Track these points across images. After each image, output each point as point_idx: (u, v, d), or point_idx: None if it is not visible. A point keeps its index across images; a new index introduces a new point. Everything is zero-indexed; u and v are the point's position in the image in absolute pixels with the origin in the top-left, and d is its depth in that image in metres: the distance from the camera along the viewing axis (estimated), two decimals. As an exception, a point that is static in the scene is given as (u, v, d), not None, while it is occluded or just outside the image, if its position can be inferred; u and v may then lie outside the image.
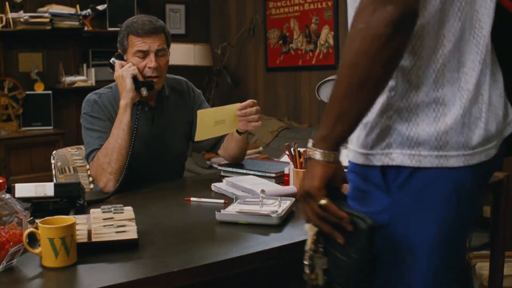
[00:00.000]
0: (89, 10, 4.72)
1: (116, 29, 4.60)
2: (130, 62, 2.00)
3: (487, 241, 3.16)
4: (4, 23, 4.27)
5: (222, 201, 1.74)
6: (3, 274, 1.19)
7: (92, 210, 1.45)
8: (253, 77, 5.29)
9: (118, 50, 2.07)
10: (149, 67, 1.99)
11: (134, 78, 1.96)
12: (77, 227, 1.30)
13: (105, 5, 4.75)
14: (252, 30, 5.16)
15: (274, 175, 1.96)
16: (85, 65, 4.75)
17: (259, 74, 5.23)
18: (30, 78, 4.54)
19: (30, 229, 1.23)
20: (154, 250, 1.33)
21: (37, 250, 1.23)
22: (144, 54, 1.99)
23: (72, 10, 4.57)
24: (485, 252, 2.90)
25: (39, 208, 1.59)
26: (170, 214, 1.67)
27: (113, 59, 2.04)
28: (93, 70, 4.70)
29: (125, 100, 1.94)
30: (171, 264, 1.23)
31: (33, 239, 1.27)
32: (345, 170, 1.18)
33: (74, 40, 4.73)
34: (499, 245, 2.10)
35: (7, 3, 4.31)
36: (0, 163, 4.17)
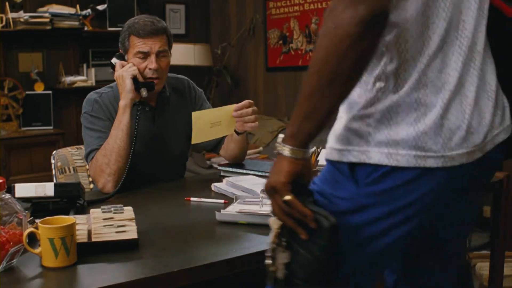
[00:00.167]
0: (89, 10, 4.72)
1: (116, 29, 4.64)
2: (131, 63, 2.00)
3: (487, 241, 3.16)
4: (4, 23, 4.26)
5: (222, 201, 1.74)
6: (3, 274, 1.19)
7: (92, 210, 1.45)
8: (253, 77, 5.29)
9: (120, 50, 2.07)
10: (150, 68, 1.99)
11: (134, 79, 1.96)
12: (77, 227, 1.30)
13: (105, 5, 4.75)
14: (252, 30, 5.16)
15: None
16: (85, 65, 4.75)
17: (259, 74, 5.23)
18: (30, 78, 4.54)
19: (30, 229, 1.23)
20: (154, 250, 1.33)
21: (37, 250, 1.23)
22: (145, 55, 1.99)
23: (72, 10, 4.57)
24: (485, 252, 2.90)
25: (39, 208, 1.59)
26: (170, 214, 1.67)
27: (114, 59, 2.04)
28: (93, 70, 4.70)
29: (125, 101, 1.94)
30: (171, 264, 1.23)
31: (33, 239, 1.27)
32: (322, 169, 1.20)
33: (74, 40, 4.73)
34: (499, 245, 2.10)
35: (7, 3, 4.31)
36: (0, 163, 4.17)
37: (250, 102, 2.01)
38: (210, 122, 1.94)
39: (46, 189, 1.58)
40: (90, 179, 2.24)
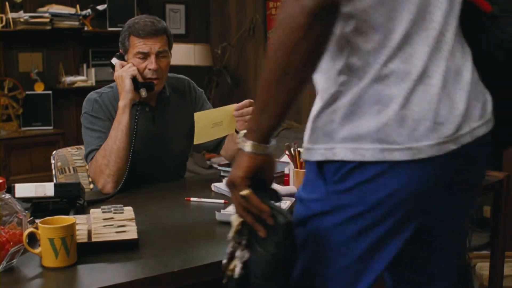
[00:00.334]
0: (89, 10, 4.72)
1: (116, 29, 4.64)
2: (131, 63, 2.00)
3: (487, 241, 3.16)
4: (4, 23, 4.26)
5: (222, 201, 1.74)
6: (3, 274, 1.19)
7: (92, 210, 1.45)
8: (253, 77, 5.29)
9: (120, 50, 2.07)
10: (150, 69, 1.99)
11: (134, 79, 1.96)
12: (77, 227, 1.30)
13: (105, 5, 4.74)
14: (252, 30, 5.16)
15: (274, 175, 1.96)
16: (85, 65, 4.75)
17: (259, 74, 5.23)
18: (30, 78, 4.54)
19: (30, 229, 1.23)
20: (154, 250, 1.33)
21: (37, 250, 1.23)
22: (145, 56, 1.99)
23: (72, 10, 4.57)
24: (485, 252, 2.90)
25: (39, 208, 1.59)
26: (170, 214, 1.67)
27: (114, 59, 2.04)
28: (93, 70, 4.70)
29: (124, 101, 1.93)
30: (171, 264, 1.23)
31: (33, 239, 1.27)
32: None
33: (74, 40, 4.73)
34: (499, 245, 2.11)
35: (7, 3, 4.31)
36: (0, 163, 4.17)
37: (251, 102, 2.01)
38: (212, 122, 1.94)
39: (46, 189, 1.58)
40: (90, 179, 2.24)
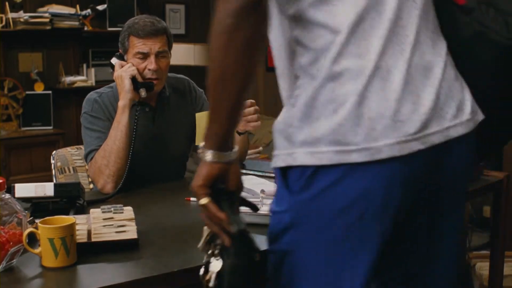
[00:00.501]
0: (89, 10, 4.72)
1: (116, 29, 4.64)
2: (130, 63, 1.99)
3: (487, 241, 3.16)
4: (4, 23, 4.26)
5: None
6: (3, 274, 1.19)
7: (92, 210, 1.45)
8: (253, 77, 5.28)
9: (120, 50, 2.06)
10: (149, 69, 1.99)
11: (133, 79, 1.96)
12: (77, 227, 1.30)
13: (105, 5, 4.75)
14: (252, 30, 5.16)
15: (274, 175, 1.96)
16: (85, 65, 4.75)
17: (259, 74, 5.23)
18: (30, 78, 4.54)
19: (30, 229, 1.23)
20: (154, 250, 1.33)
21: (37, 250, 1.23)
22: (145, 56, 1.99)
23: (72, 10, 4.57)
24: (485, 252, 2.90)
25: (39, 208, 1.59)
26: (170, 214, 1.67)
27: (114, 59, 2.04)
28: (93, 70, 4.70)
29: (124, 101, 1.93)
30: (171, 264, 1.23)
31: (33, 239, 1.27)
32: None
33: (74, 40, 4.73)
34: (499, 245, 2.11)
35: (7, 3, 4.31)
36: (0, 163, 4.17)
37: (252, 102, 2.01)
38: None
39: (46, 189, 1.58)
40: (90, 179, 2.24)
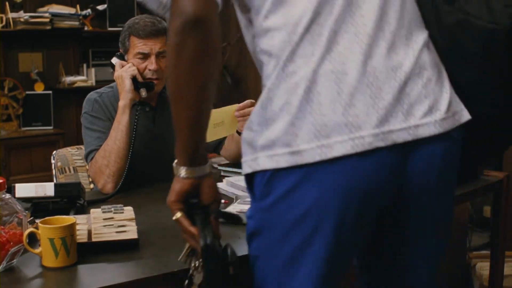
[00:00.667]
0: (89, 10, 4.72)
1: (116, 29, 4.64)
2: (131, 63, 2.00)
3: (487, 241, 3.16)
4: (4, 23, 4.26)
5: (222, 201, 1.74)
6: (3, 274, 1.19)
7: (92, 210, 1.45)
8: (253, 77, 5.28)
9: (120, 50, 2.07)
10: (150, 69, 1.99)
11: (134, 79, 1.96)
12: (77, 227, 1.30)
13: (105, 5, 4.74)
14: (252, 30, 5.16)
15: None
16: (85, 65, 4.75)
17: (259, 74, 5.22)
18: (30, 78, 4.54)
19: (30, 229, 1.23)
20: (154, 250, 1.33)
21: (37, 250, 1.23)
22: (145, 56, 1.99)
23: (72, 10, 4.57)
24: (485, 252, 2.90)
25: (39, 208, 1.59)
26: (170, 214, 1.66)
27: (114, 59, 2.04)
28: (93, 70, 4.70)
29: (124, 101, 1.93)
30: (171, 264, 1.23)
31: (33, 239, 1.27)
32: None
33: (74, 40, 4.73)
34: (499, 245, 2.11)
35: (7, 3, 4.31)
36: (0, 163, 4.17)
37: (252, 102, 2.01)
38: (213, 123, 1.94)
39: (46, 189, 1.58)
40: (90, 179, 2.24)
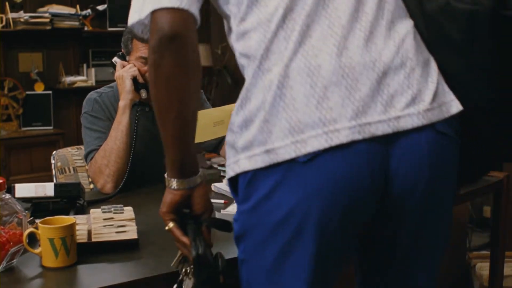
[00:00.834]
0: (89, 10, 4.72)
1: (116, 29, 4.64)
2: (132, 63, 1.99)
3: (487, 241, 3.17)
4: (4, 23, 4.26)
5: (222, 201, 1.74)
6: (3, 274, 1.19)
7: (92, 210, 1.45)
8: (253, 77, 5.28)
9: (122, 50, 2.06)
10: (151, 72, 1.99)
11: (134, 79, 1.96)
12: (77, 227, 1.30)
13: (105, 5, 4.74)
14: (252, 30, 5.16)
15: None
16: (85, 65, 4.75)
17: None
18: (30, 78, 4.54)
19: (30, 229, 1.23)
20: (154, 250, 1.33)
21: (37, 250, 1.23)
22: (147, 60, 1.99)
23: (72, 10, 4.57)
24: (485, 252, 2.90)
25: (39, 208, 1.59)
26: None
27: (115, 59, 2.04)
28: (93, 70, 4.70)
29: (124, 101, 1.93)
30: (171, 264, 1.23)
31: (33, 239, 1.27)
32: None
33: (74, 40, 4.73)
34: (499, 245, 2.11)
35: (7, 3, 4.31)
36: (0, 163, 4.17)
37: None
38: (213, 121, 1.94)
39: (46, 189, 1.58)
40: (90, 179, 2.24)
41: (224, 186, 1.88)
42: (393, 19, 1.01)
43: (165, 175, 1.10)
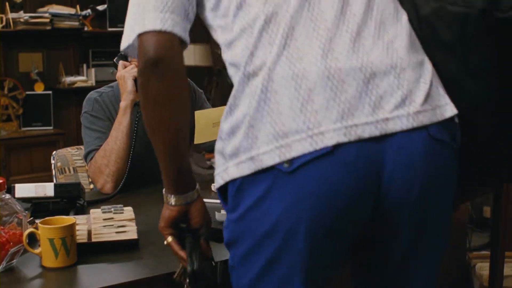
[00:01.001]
0: (89, 10, 4.72)
1: (116, 29, 4.64)
2: (134, 64, 1.99)
3: (487, 241, 3.17)
4: (4, 23, 4.27)
5: (222, 202, 1.74)
6: (3, 274, 1.19)
7: (92, 211, 1.45)
8: (253, 77, 5.28)
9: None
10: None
11: (136, 80, 1.96)
12: (77, 227, 1.30)
13: (105, 5, 4.74)
14: (252, 30, 5.16)
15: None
16: (85, 65, 4.75)
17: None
18: (30, 78, 4.54)
19: (30, 229, 1.23)
20: (154, 250, 1.33)
21: (37, 250, 1.23)
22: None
23: (72, 10, 4.57)
24: (485, 252, 2.90)
25: (39, 208, 1.59)
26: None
27: (117, 59, 2.04)
28: (93, 70, 4.70)
29: (125, 102, 1.93)
30: (171, 264, 1.23)
31: (33, 239, 1.27)
32: None
33: (74, 40, 4.73)
34: (499, 245, 2.11)
35: (7, 3, 4.31)
36: (0, 163, 4.17)
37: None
38: (212, 122, 1.94)
39: (46, 189, 1.58)
40: (90, 179, 2.24)
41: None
42: (384, 20, 1.00)
43: (163, 191, 1.13)
